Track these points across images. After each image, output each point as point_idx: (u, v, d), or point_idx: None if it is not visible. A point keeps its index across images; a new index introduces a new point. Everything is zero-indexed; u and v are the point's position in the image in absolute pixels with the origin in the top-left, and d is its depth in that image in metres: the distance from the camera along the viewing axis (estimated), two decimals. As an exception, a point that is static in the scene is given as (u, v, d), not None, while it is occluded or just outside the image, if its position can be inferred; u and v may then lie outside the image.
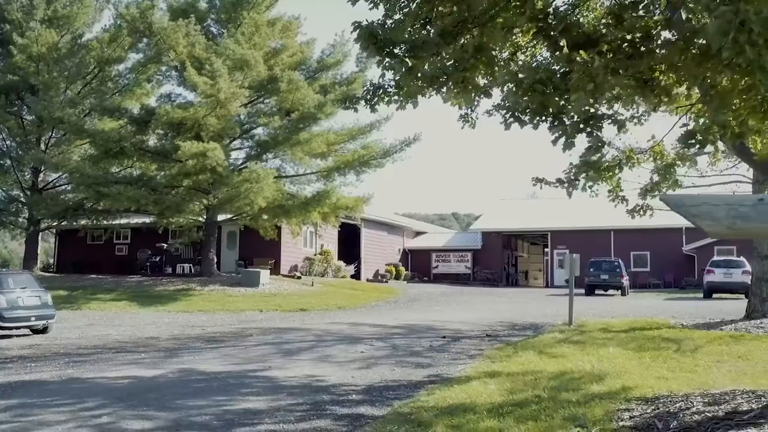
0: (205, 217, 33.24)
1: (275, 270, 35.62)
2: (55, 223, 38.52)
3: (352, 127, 34.50)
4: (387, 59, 6.90)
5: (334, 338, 15.92)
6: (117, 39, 35.80)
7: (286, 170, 35.28)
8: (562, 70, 6.59)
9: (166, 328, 18.95)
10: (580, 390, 9.42)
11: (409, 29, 6.93)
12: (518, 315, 22.44)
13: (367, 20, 6.99)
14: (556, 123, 6.87)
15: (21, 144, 38.06)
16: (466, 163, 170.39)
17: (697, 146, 5.82)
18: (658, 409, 8.26)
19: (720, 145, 8.33)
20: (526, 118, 6.99)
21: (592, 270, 36.62)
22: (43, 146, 37.51)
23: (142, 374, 11.03)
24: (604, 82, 5.97)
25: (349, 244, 44.18)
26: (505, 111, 7.17)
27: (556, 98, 6.55)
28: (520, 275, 55.43)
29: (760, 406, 7.77)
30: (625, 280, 36.59)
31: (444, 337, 16.03)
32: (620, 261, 37.97)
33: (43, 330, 17.69)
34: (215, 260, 34.08)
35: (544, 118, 6.87)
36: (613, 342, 14.51)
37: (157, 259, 37.51)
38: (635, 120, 7.91)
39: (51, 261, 45.07)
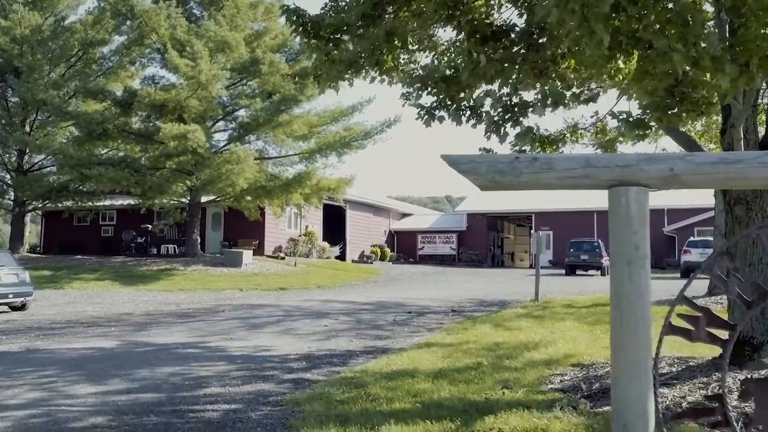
0: (188, 198, 33.56)
1: (259, 251, 36.02)
2: (40, 205, 38.78)
3: (335, 109, 34.82)
4: (313, 41, 7.26)
5: (302, 313, 16.36)
6: (100, 21, 35.90)
7: (269, 152, 35.67)
8: (464, 64, 6.97)
9: (143, 305, 19.35)
10: (522, 358, 9.85)
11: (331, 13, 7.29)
12: (491, 293, 22.90)
13: (294, 4, 7.34)
14: (473, 117, 7.26)
15: (6, 126, 38.15)
16: (461, 145, 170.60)
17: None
18: (588, 373, 8.72)
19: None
20: (444, 114, 7.38)
21: (572, 250, 37.12)
22: (27, 128, 37.68)
23: (105, 345, 11.44)
24: (505, 71, 6.35)
25: (335, 225, 44.57)
26: (419, 109, 7.57)
27: (461, 93, 6.94)
28: (506, 256, 55.90)
29: (680, 369, 8.23)
30: (605, 261, 37.00)
31: (410, 312, 16.48)
32: (600, 241, 38.39)
33: (21, 307, 18.05)
34: (199, 241, 34.44)
35: (462, 112, 7.26)
36: (572, 316, 14.95)
37: (142, 240, 37.82)
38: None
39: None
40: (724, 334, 2.60)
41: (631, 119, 5.94)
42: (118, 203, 38.25)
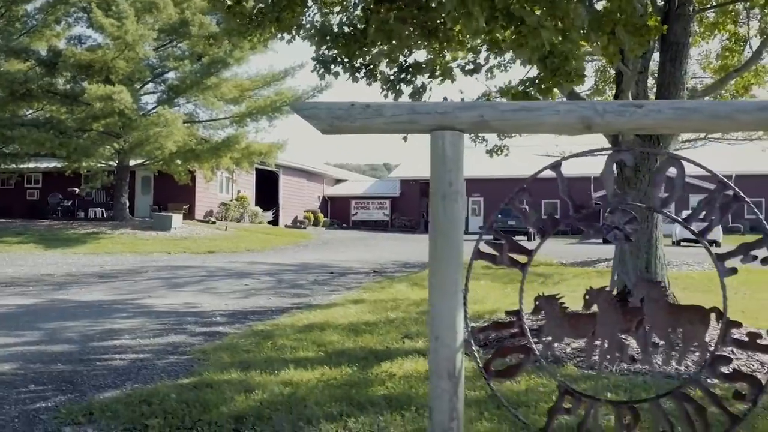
0: (116, 161, 33.10)
1: (189, 215, 35.86)
2: (-40, 168, 37.64)
3: (267, 73, 34.70)
4: (216, -4, 7.44)
5: (225, 274, 16.56)
6: (24, -22, 34.75)
7: (200, 115, 35.35)
8: (362, 26, 7.27)
9: (66, 267, 19.19)
10: (432, 313, 10.29)
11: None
12: (416, 256, 23.41)
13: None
14: (368, 75, 7.59)
15: (-77, 85, 36.77)
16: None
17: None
18: (483, 323, 9.23)
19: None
20: (339, 69, 7.69)
21: (500, 216, 38.02)
22: (-53, 87, 36.36)
23: (23, 303, 11.47)
24: (395, 31, 6.66)
25: (268, 190, 44.57)
26: (315, 62, 7.88)
27: (356, 51, 7.25)
28: (439, 223, 56.71)
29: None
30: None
31: (332, 272, 16.84)
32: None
33: (-61, 269, 17.77)
34: (128, 204, 34.07)
35: (357, 69, 7.57)
36: (488, 277, 15.49)
37: (69, 203, 37.23)
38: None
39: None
40: (523, 259, 2.99)
41: (513, 93, 6.35)
42: (43, 166, 37.45)
